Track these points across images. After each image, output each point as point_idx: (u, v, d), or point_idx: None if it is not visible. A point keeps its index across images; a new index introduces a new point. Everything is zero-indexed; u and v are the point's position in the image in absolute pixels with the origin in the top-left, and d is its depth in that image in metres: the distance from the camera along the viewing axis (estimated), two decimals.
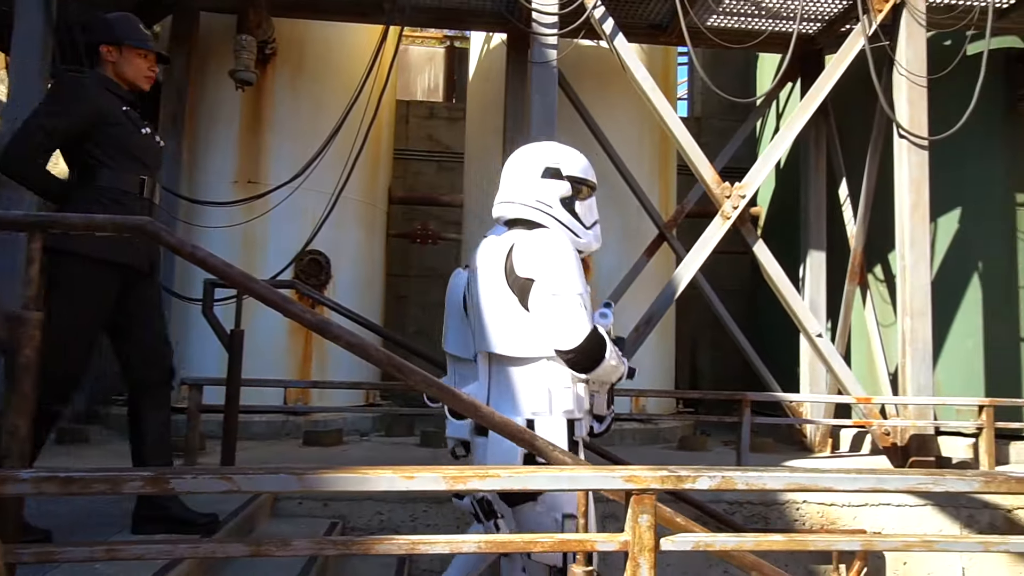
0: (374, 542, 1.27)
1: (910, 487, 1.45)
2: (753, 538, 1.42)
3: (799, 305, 4.25)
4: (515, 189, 1.93)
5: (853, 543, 1.45)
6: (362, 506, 3.24)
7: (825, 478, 1.43)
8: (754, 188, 4.20)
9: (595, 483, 1.43)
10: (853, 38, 4.31)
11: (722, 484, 1.41)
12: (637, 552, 1.39)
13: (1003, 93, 4.99)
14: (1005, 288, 4.96)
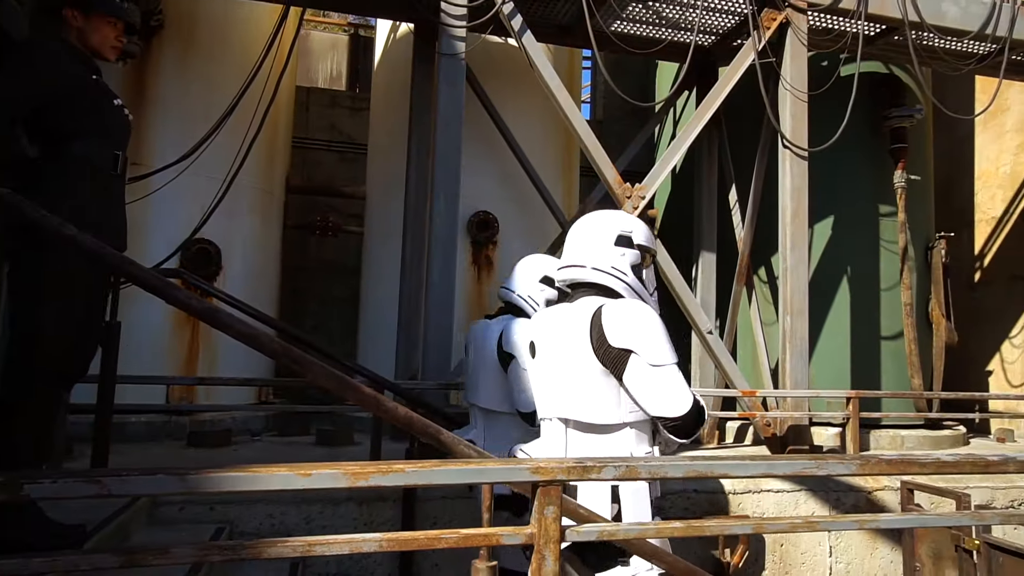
0: (266, 545, 1.19)
1: (796, 472, 1.54)
2: (654, 526, 1.46)
3: (692, 304, 4.46)
4: (588, 254, 1.92)
5: (745, 527, 1.53)
6: (252, 509, 3.06)
7: (721, 465, 1.49)
8: (653, 190, 4.36)
9: (501, 476, 1.42)
10: (744, 52, 4.56)
11: (626, 473, 1.44)
12: (543, 544, 1.38)
13: (870, 113, 5.46)
14: (869, 291, 5.44)
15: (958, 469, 1.68)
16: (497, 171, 5.72)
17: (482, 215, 5.53)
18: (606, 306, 1.79)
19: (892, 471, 1.62)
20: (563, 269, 1.98)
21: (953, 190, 7.18)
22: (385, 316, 5.49)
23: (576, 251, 1.96)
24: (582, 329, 1.79)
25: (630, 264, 1.92)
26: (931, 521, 2.41)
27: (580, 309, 1.85)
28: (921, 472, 1.68)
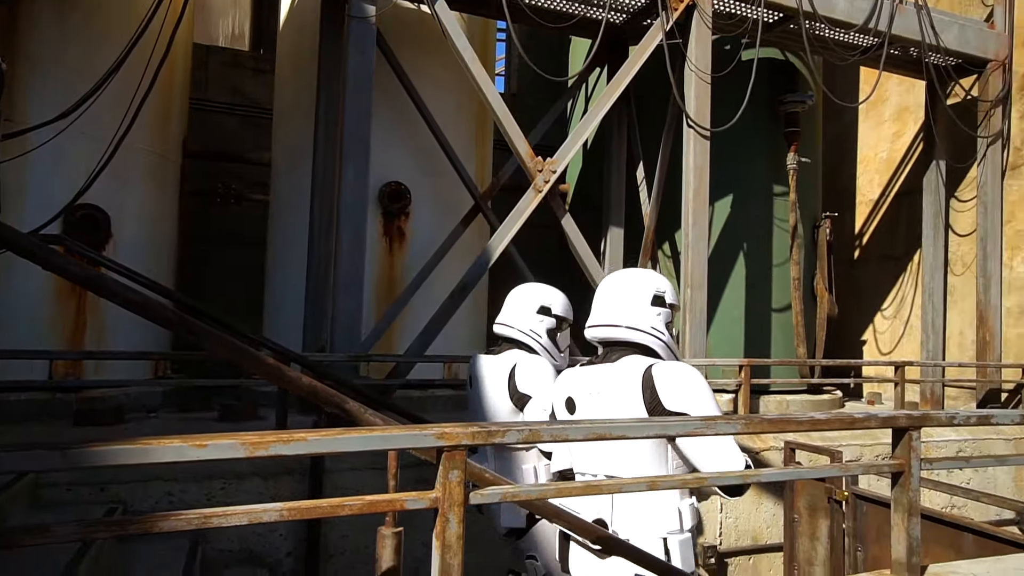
0: (158, 519, 1.15)
1: (689, 431, 1.65)
2: (554, 487, 1.52)
3: (598, 275, 4.59)
4: (626, 314, 1.99)
5: (640, 485, 1.61)
6: (148, 488, 2.93)
7: (618, 427, 1.57)
8: (564, 164, 4.43)
9: (407, 442, 1.43)
10: (652, 32, 4.69)
11: (529, 436, 1.49)
12: (447, 508, 1.41)
13: (767, 98, 5.75)
14: (762, 266, 5.80)
15: (829, 426, 1.85)
16: (409, 141, 5.62)
17: (394, 185, 5.44)
18: (656, 368, 1.86)
19: (773, 429, 1.76)
20: (598, 327, 2.04)
21: (838, 173, 7.73)
22: (292, 288, 5.33)
23: (612, 310, 2.02)
24: (632, 390, 1.85)
25: (664, 323, 2.01)
26: (804, 474, 2.64)
27: (626, 369, 1.91)
28: (798, 429, 1.83)
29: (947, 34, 5.50)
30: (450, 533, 1.41)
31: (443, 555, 1.41)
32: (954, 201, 6.30)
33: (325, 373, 3.50)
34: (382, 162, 5.43)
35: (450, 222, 5.56)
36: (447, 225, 5.54)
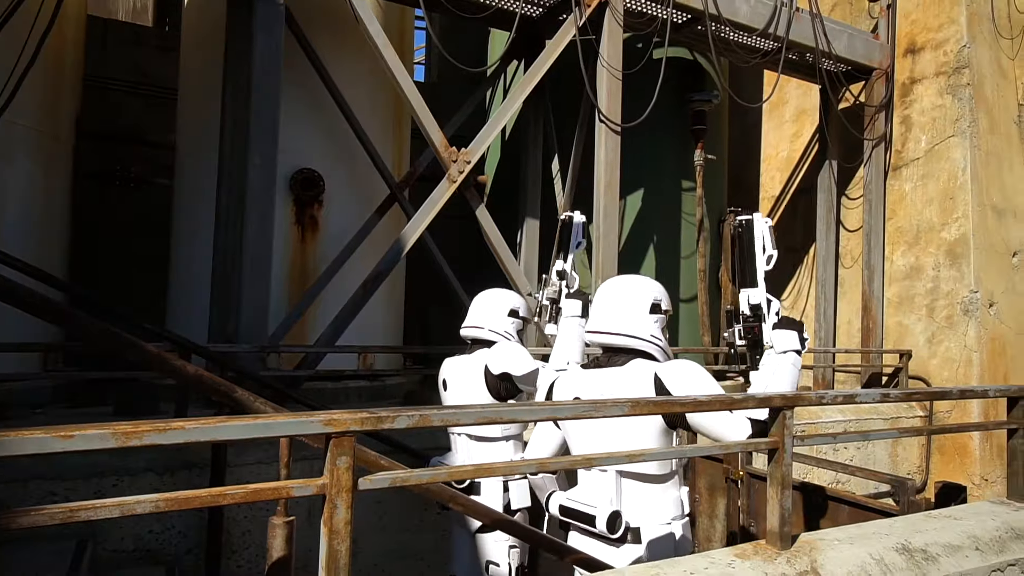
0: (17, 515, 1.10)
1: (577, 414, 1.71)
2: (445, 471, 1.55)
3: (513, 266, 4.66)
4: (627, 323, 2.11)
5: (531, 466, 1.67)
6: (28, 488, 2.76)
7: (517, 410, 1.62)
8: (478, 155, 4.45)
9: (293, 429, 1.42)
10: (566, 28, 4.77)
11: (419, 422, 1.51)
12: (335, 494, 1.42)
13: (677, 96, 5.98)
14: (672, 258, 6.04)
15: (709, 407, 1.97)
16: (324, 128, 5.49)
17: (306, 172, 5.30)
18: (662, 371, 2.04)
19: (658, 411, 1.85)
20: (602, 334, 2.14)
21: (744, 171, 8.13)
22: (198, 277, 5.11)
23: (613, 318, 2.13)
24: (644, 392, 2.02)
25: (660, 328, 2.16)
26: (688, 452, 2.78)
27: (634, 373, 2.07)
28: (682, 410, 1.95)
29: (838, 42, 5.88)
30: (338, 519, 1.42)
31: (331, 541, 1.42)
32: (845, 199, 6.76)
33: (227, 364, 3.40)
34: (295, 149, 5.29)
35: (366, 211, 5.48)
36: (363, 214, 5.46)
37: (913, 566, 2.19)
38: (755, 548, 2.09)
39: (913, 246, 6.14)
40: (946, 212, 5.91)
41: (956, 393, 2.66)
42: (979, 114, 5.94)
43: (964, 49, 5.99)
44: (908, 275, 6.12)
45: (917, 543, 2.30)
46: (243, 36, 4.50)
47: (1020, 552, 2.41)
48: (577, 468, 2.03)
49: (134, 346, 1.48)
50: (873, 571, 2.10)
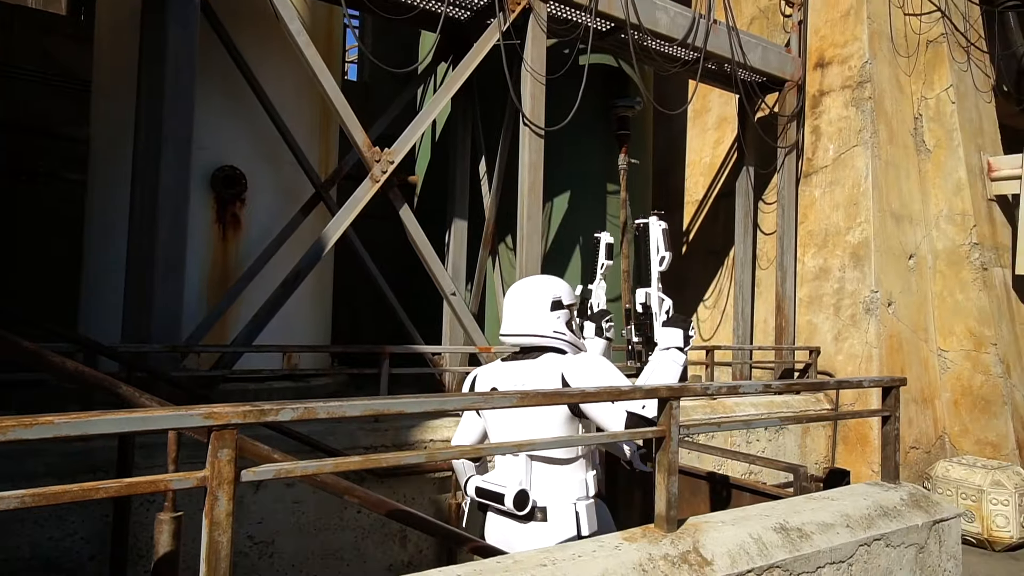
0: None
1: (466, 405, 1.77)
2: (332, 462, 1.59)
3: (437, 267, 4.71)
4: (531, 323, 2.27)
5: (419, 456, 1.72)
6: None
7: (397, 403, 1.67)
8: (401, 155, 4.47)
9: (172, 423, 1.43)
10: (491, 31, 4.85)
11: (304, 414, 1.54)
12: (216, 486, 1.44)
13: (602, 101, 6.16)
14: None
15: (597, 398, 2.08)
16: (247, 126, 5.40)
17: (227, 170, 5.20)
18: (566, 364, 2.23)
19: (546, 402, 1.93)
20: (511, 336, 2.33)
21: (670, 175, 8.42)
22: (111, 276, 4.94)
23: (519, 320, 2.31)
24: (551, 383, 2.19)
25: (564, 323, 2.30)
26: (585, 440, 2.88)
27: (544, 367, 2.25)
28: (571, 400, 2.04)
29: (752, 54, 6.18)
30: (219, 511, 1.44)
31: (211, 532, 1.43)
32: (762, 203, 7.09)
33: (134, 364, 3.32)
34: (216, 146, 5.18)
35: (291, 210, 5.42)
36: (288, 213, 5.40)
37: (788, 543, 2.35)
38: (643, 531, 2.21)
39: (822, 249, 6.50)
40: (851, 217, 6.30)
41: (833, 384, 2.87)
42: (879, 125, 6.35)
43: (866, 65, 6.39)
44: (817, 276, 6.48)
45: (794, 522, 2.47)
46: (157, 29, 4.39)
47: (886, 528, 2.62)
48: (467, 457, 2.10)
49: (8, 342, 1.47)
50: (751, 549, 2.25)
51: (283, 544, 3.56)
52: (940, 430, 6.23)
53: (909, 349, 6.15)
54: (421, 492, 3.96)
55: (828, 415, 3.24)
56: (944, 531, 2.85)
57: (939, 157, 6.66)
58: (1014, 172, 6.59)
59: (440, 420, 4.33)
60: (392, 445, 3.90)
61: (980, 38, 7.15)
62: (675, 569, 2.04)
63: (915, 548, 2.71)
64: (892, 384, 2.97)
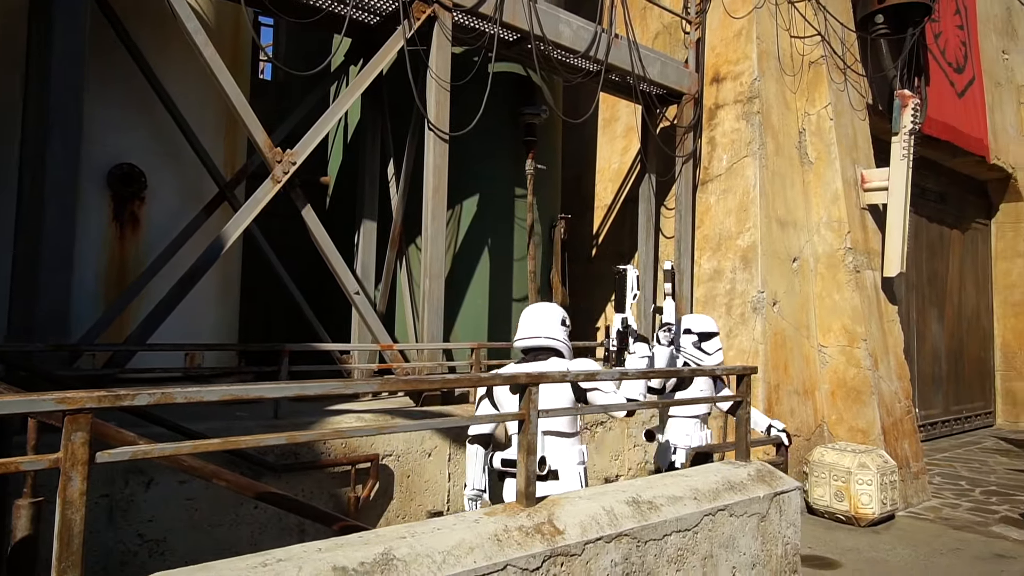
0: None
1: (327, 391, 1.91)
2: (190, 444, 1.69)
3: (340, 266, 4.79)
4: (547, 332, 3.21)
5: (280, 438, 1.84)
6: None
7: (256, 389, 1.79)
8: (303, 156, 4.54)
9: (24, 407, 1.51)
10: (396, 38, 4.98)
11: (161, 399, 1.65)
12: (69, 467, 1.53)
13: (511, 108, 6.38)
14: (505, 260, 6.42)
15: (458, 384, 2.26)
16: (148, 123, 5.31)
17: (126, 168, 5.10)
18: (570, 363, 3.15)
19: (406, 387, 2.10)
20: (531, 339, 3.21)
21: (581, 181, 8.75)
22: None
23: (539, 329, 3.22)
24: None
25: (566, 334, 3.26)
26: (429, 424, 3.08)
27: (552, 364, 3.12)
28: (430, 388, 2.21)
29: (652, 68, 6.55)
30: (72, 490, 1.52)
31: (64, 511, 1.52)
32: (663, 209, 7.50)
33: (15, 363, 3.26)
34: (114, 143, 5.09)
35: (193, 209, 5.36)
36: (190, 212, 5.34)
37: (638, 514, 2.60)
38: (504, 508, 2.41)
39: (716, 252, 6.95)
40: (741, 222, 6.76)
41: (687, 372, 3.15)
42: (767, 138, 6.85)
43: (755, 82, 6.88)
44: (712, 277, 6.91)
45: (646, 496, 2.73)
46: (43, 18, 4.29)
47: (730, 499, 2.92)
48: (313, 439, 2.22)
49: None
50: (602, 519, 2.48)
51: (175, 541, 3.56)
52: (819, 419, 6.77)
53: (792, 345, 6.66)
54: (320, 487, 4.03)
55: (686, 401, 3.53)
56: (785, 502, 3.18)
57: (819, 169, 7.23)
58: (883, 184, 7.25)
59: (341, 416, 4.41)
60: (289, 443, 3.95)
61: (856, 61, 7.81)
62: (528, 538, 2.24)
63: (757, 517, 3.02)
64: (744, 372, 3.29)
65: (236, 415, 4.43)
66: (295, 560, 1.75)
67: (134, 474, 3.32)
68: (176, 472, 3.30)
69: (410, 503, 4.44)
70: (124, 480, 3.26)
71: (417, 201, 5.64)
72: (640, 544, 2.50)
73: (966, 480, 7.58)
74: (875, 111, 7.99)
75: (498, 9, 5.38)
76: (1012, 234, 11.66)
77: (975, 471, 8.05)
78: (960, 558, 5.07)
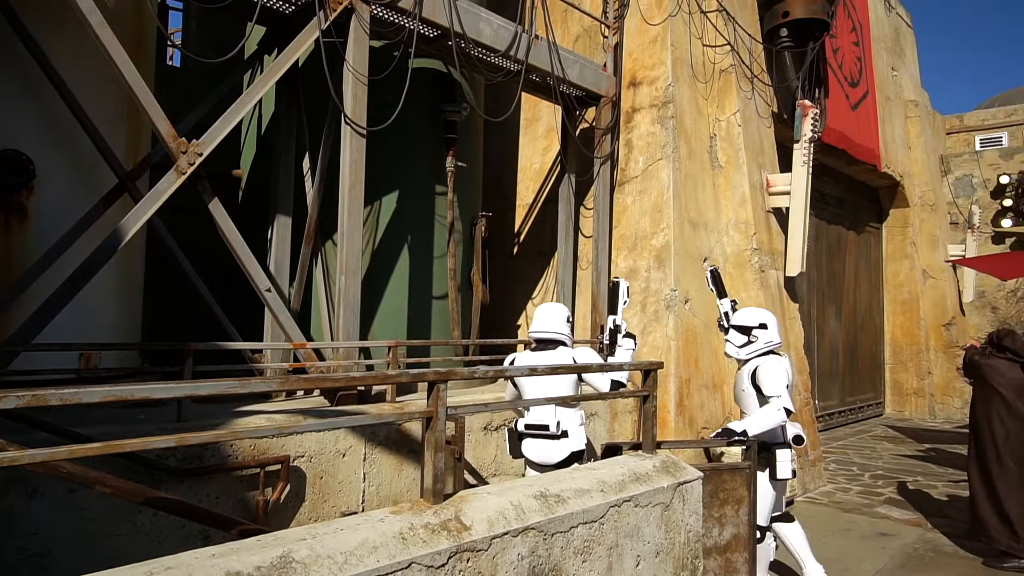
0: None
1: (222, 391, 1.85)
2: (66, 449, 1.60)
3: (250, 261, 4.63)
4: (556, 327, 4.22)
5: (168, 441, 1.77)
6: None
7: (142, 389, 1.71)
8: (211, 147, 4.35)
9: None
10: (311, 28, 4.85)
11: (32, 402, 1.55)
12: None
13: (431, 105, 6.35)
14: (425, 257, 6.38)
15: (364, 381, 2.24)
16: (39, 110, 4.94)
17: (10, 155, 4.72)
18: (575, 352, 4.14)
19: (307, 385, 2.06)
20: (544, 332, 4.22)
21: (503, 179, 8.81)
22: None
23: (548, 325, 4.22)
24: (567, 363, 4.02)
25: (570, 329, 4.28)
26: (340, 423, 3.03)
27: (560, 354, 4.14)
28: (334, 385, 2.18)
29: (571, 70, 6.67)
30: None
31: None
32: (582, 208, 7.65)
33: None
34: None
35: (91, 200, 5.03)
36: (87, 203, 5.01)
37: (545, 508, 2.65)
38: (411, 505, 2.40)
39: (632, 251, 7.16)
40: (655, 223, 6.99)
41: (595, 368, 3.24)
42: (680, 142, 7.11)
43: (670, 87, 7.13)
44: (628, 276, 7.11)
45: (554, 490, 2.78)
46: None
47: (636, 490, 3.02)
48: None
49: None
50: (509, 514, 2.51)
51: (64, 554, 3.35)
52: (727, 412, 7.10)
53: (702, 341, 6.95)
54: (227, 491, 3.89)
55: (594, 396, 3.63)
56: (688, 491, 3.32)
57: (729, 172, 7.58)
58: (786, 188, 7.68)
59: (250, 417, 4.27)
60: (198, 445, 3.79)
61: (763, 71, 8.24)
62: (434, 536, 2.24)
63: (661, 507, 3.14)
64: (651, 367, 3.41)
65: (138, 419, 4.21)
66: (185, 567, 1.69)
67: (15, 484, 3.10)
68: (64, 481, 3.10)
69: (323, 505, 4.35)
70: (2, 491, 3.04)
71: (334, 196, 5.53)
72: (547, 537, 2.55)
73: (857, 466, 8.15)
74: (780, 119, 8.44)
75: (418, 4, 5.34)
76: (900, 237, 12.61)
77: (865, 457, 8.67)
78: (848, 538, 5.45)
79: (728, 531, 3.48)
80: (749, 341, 4.30)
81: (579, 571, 2.66)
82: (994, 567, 4.88)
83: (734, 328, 4.43)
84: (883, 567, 4.86)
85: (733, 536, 3.46)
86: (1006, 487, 4.90)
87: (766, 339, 4.29)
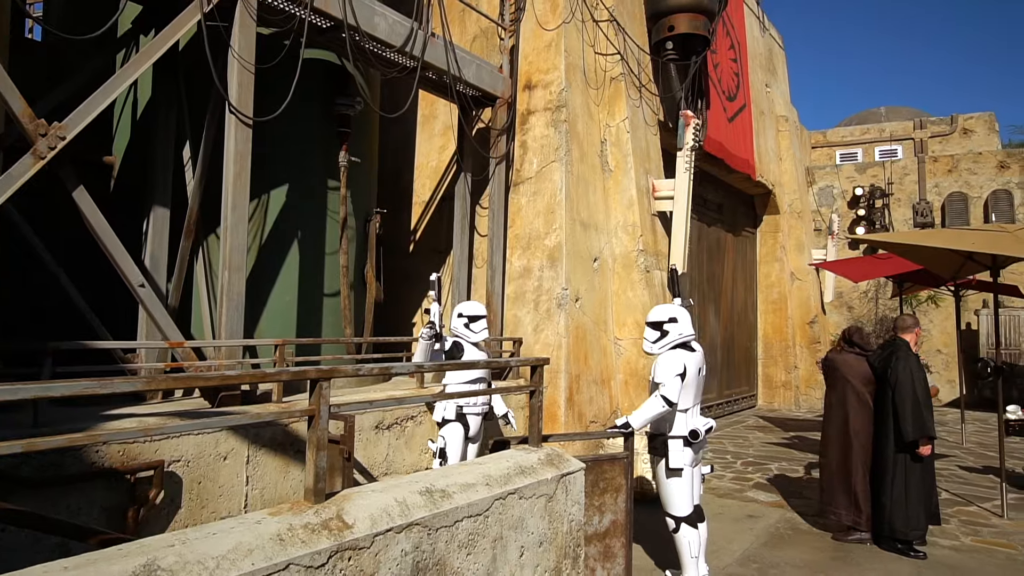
0: None
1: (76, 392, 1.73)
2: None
3: (120, 254, 4.33)
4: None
5: (15, 447, 1.65)
6: None
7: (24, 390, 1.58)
8: (75, 131, 4.03)
9: None
10: (192, 9, 4.60)
11: None
12: None
13: (324, 98, 6.19)
14: (316, 254, 6.21)
15: (239, 380, 2.17)
16: None
17: None
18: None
19: (178, 384, 1.98)
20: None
21: (400, 176, 8.73)
22: None
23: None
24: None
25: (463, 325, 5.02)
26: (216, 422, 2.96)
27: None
28: (195, 383, 2.12)
29: (467, 70, 6.73)
30: None
31: None
32: (478, 207, 7.73)
33: None
34: None
35: None
36: None
37: (430, 503, 2.68)
38: (291, 505, 2.36)
39: (526, 250, 7.31)
40: (548, 224, 7.19)
41: (482, 364, 3.32)
42: (572, 145, 7.35)
43: (563, 92, 7.35)
44: (522, 275, 7.27)
45: (439, 485, 2.82)
46: None
47: (520, 483, 3.11)
48: None
49: None
50: (393, 511, 2.53)
51: None
52: (615, 406, 7.42)
53: (591, 339, 7.22)
54: (91, 501, 3.63)
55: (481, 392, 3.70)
56: (570, 482, 3.46)
57: (618, 176, 7.92)
58: (670, 193, 8.13)
59: (120, 421, 4.00)
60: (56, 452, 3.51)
61: (650, 81, 8.67)
62: (314, 536, 2.22)
63: (545, 498, 3.25)
64: (537, 363, 3.52)
65: None
66: None
67: None
68: None
69: (202, 511, 4.15)
70: None
71: (217, 188, 5.27)
72: (431, 532, 2.58)
73: (731, 454, 8.77)
74: (665, 127, 8.92)
75: None
76: (772, 241, 13.66)
77: (739, 446, 9.34)
78: (721, 521, 5.87)
79: (607, 518, 3.66)
80: (662, 335, 4.40)
81: (463, 564, 2.72)
82: (840, 540, 5.44)
83: (648, 325, 4.45)
84: (749, 546, 5.28)
85: (612, 522, 3.65)
86: (853, 467, 5.47)
87: (678, 331, 4.33)
